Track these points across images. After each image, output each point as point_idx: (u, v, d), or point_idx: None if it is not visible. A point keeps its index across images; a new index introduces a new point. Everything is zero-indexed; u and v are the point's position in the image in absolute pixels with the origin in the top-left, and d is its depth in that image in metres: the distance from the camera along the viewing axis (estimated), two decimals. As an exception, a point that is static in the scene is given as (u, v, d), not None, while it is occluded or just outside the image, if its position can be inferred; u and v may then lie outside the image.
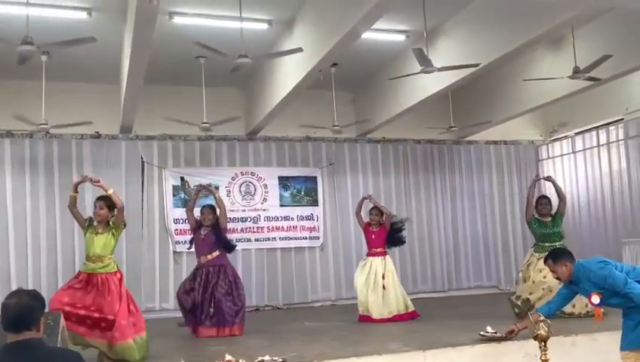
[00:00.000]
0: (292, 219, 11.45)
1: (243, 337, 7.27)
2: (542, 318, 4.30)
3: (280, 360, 5.15)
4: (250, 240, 11.12)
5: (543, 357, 4.15)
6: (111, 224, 6.05)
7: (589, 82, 8.55)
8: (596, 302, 4.42)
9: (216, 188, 10.61)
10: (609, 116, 11.48)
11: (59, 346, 4.66)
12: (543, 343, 4.18)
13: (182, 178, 10.86)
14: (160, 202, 10.76)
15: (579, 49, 8.40)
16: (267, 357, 5.10)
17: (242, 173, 11.28)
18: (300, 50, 7.48)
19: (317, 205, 11.65)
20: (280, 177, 11.50)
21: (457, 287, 12.24)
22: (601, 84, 9.11)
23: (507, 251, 12.52)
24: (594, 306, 4.48)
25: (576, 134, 12.39)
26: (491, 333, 5.81)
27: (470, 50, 8.30)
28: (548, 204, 7.99)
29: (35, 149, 10.25)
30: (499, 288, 12.21)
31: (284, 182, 11.53)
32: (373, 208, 8.67)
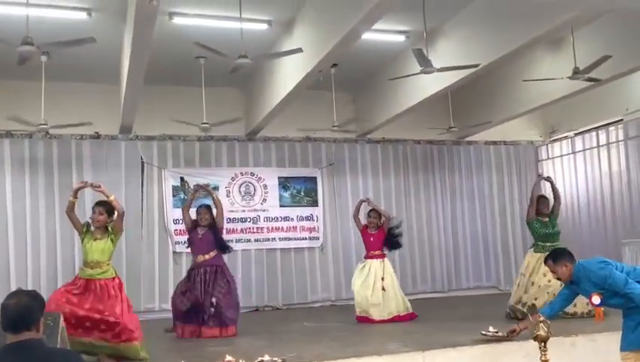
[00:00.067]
0: (292, 220, 11.45)
1: (243, 337, 7.28)
2: (542, 319, 4.30)
3: (280, 361, 5.15)
4: (249, 240, 11.13)
5: (543, 358, 4.16)
6: (109, 229, 6.04)
7: (589, 83, 8.55)
8: (597, 303, 4.42)
9: (215, 188, 10.63)
10: (609, 117, 11.48)
11: (58, 346, 4.66)
12: (543, 344, 4.18)
13: (182, 178, 10.85)
14: (160, 202, 10.76)
15: (578, 50, 8.40)
16: (267, 358, 5.10)
17: (242, 174, 11.28)
18: (300, 50, 7.49)
19: (317, 205, 11.65)
20: (280, 178, 11.49)
21: (457, 288, 12.24)
22: (600, 85, 9.10)
23: (507, 252, 12.52)
24: (594, 306, 4.47)
25: (575, 135, 12.39)
26: (493, 333, 5.81)
27: (470, 50, 8.30)
28: (548, 204, 8.01)
29: (35, 150, 10.24)
30: (498, 288, 12.21)
31: (283, 182, 11.52)
32: (371, 210, 8.67)
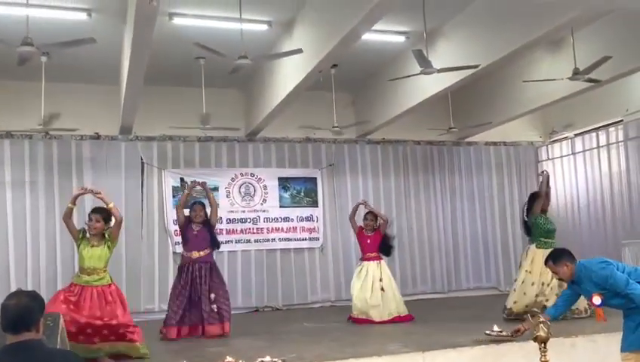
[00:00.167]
0: (292, 220, 11.44)
1: (243, 338, 7.29)
2: (541, 320, 4.30)
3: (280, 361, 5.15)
4: (249, 241, 11.13)
5: (543, 359, 4.16)
6: (106, 236, 6.03)
7: (589, 83, 8.55)
8: (597, 303, 4.41)
9: (215, 189, 10.72)
10: (609, 117, 11.48)
11: (58, 347, 4.66)
12: (543, 344, 4.18)
13: (181, 179, 10.84)
14: (160, 203, 10.76)
15: (578, 50, 8.41)
16: (267, 358, 5.09)
17: (242, 174, 11.28)
18: (300, 51, 7.49)
19: (317, 206, 11.65)
20: (280, 178, 11.49)
21: (457, 288, 12.24)
22: (600, 86, 9.10)
23: (507, 252, 12.52)
24: (595, 307, 4.46)
25: (575, 135, 12.38)
26: (497, 332, 5.80)
27: (470, 51, 8.30)
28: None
29: (35, 150, 10.23)
30: (498, 289, 12.20)
31: (283, 183, 11.52)
32: (368, 213, 8.66)
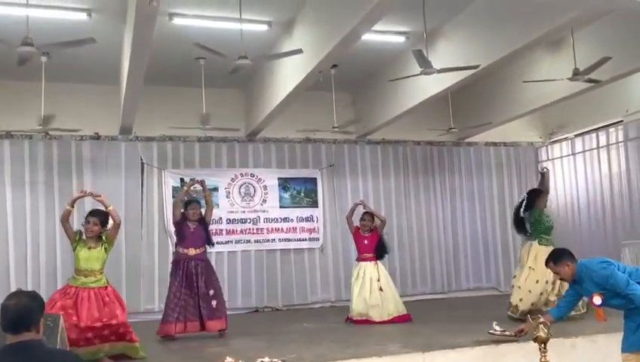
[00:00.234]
0: (292, 221, 11.44)
1: (243, 338, 7.29)
2: (541, 320, 4.30)
3: (279, 362, 5.15)
4: (249, 241, 11.13)
5: (543, 359, 4.15)
6: (103, 238, 6.03)
7: (589, 84, 8.55)
8: (598, 303, 4.39)
9: (215, 189, 10.80)
10: (609, 118, 11.48)
11: (58, 347, 4.66)
12: (543, 345, 4.17)
13: (181, 179, 10.83)
14: (159, 203, 10.75)
15: (578, 51, 8.40)
16: (267, 359, 5.09)
17: (242, 175, 11.28)
18: (300, 51, 7.49)
19: (317, 206, 11.64)
20: (280, 178, 11.49)
21: (457, 289, 12.24)
22: (600, 86, 9.10)
23: (507, 253, 12.51)
24: (595, 307, 4.45)
25: (575, 136, 12.38)
26: (501, 332, 5.79)
27: (470, 51, 8.30)
28: None
29: (35, 150, 10.23)
30: (498, 290, 12.20)
31: (283, 183, 11.52)
32: (365, 213, 8.65)
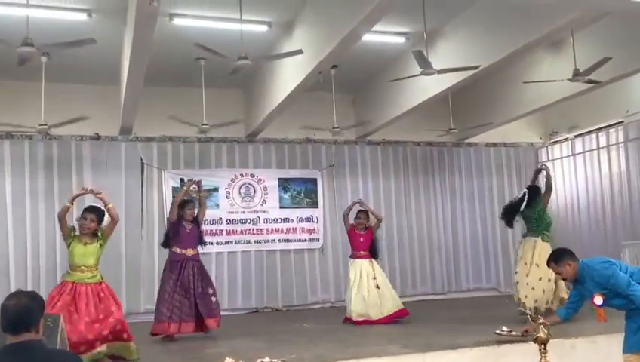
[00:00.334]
0: (291, 221, 11.44)
1: (242, 339, 7.29)
2: (541, 321, 4.29)
3: (279, 362, 5.15)
4: (249, 241, 11.13)
5: (543, 360, 4.14)
6: (99, 235, 6.05)
7: (589, 85, 8.55)
8: (599, 303, 4.37)
9: (215, 189, 10.87)
10: (609, 118, 11.48)
11: (58, 348, 4.65)
12: (543, 346, 4.17)
13: (181, 179, 10.81)
14: (159, 203, 10.74)
15: (579, 51, 8.41)
16: (266, 359, 5.08)
17: (242, 175, 11.28)
18: (300, 52, 7.49)
19: (317, 207, 11.64)
20: (280, 179, 11.50)
21: (457, 289, 12.24)
22: (601, 87, 9.11)
23: (507, 253, 12.49)
24: (596, 307, 4.43)
25: (576, 137, 12.38)
26: (507, 332, 5.79)
27: (470, 52, 8.31)
28: None
29: (35, 150, 10.24)
30: (498, 290, 12.20)
31: (283, 183, 11.52)
32: (360, 212, 8.65)
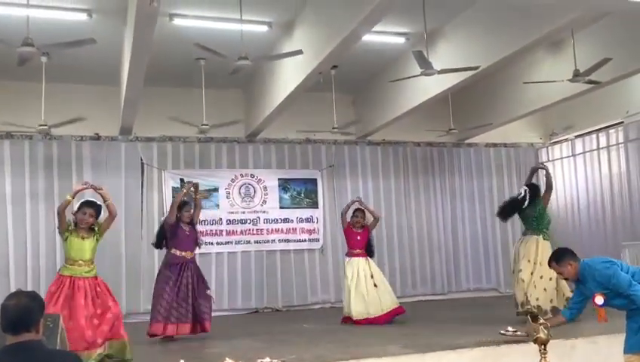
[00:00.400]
0: (291, 221, 11.44)
1: (242, 339, 7.29)
2: (541, 321, 4.29)
3: (279, 363, 5.15)
4: (249, 242, 11.13)
5: (543, 361, 4.14)
6: (96, 229, 6.09)
7: (589, 85, 8.55)
8: (600, 303, 4.36)
9: (215, 190, 10.91)
10: (609, 119, 11.48)
11: (58, 348, 4.65)
12: (543, 346, 4.17)
13: (181, 180, 10.82)
14: (159, 204, 10.74)
15: (579, 52, 8.41)
16: (266, 360, 5.09)
17: (242, 175, 11.28)
18: (300, 52, 7.49)
19: (317, 207, 11.64)
20: (280, 179, 11.50)
21: (457, 290, 12.24)
22: (601, 87, 9.11)
23: (507, 254, 12.45)
24: (597, 307, 4.42)
25: (576, 137, 12.38)
26: (512, 332, 5.79)
27: (470, 52, 8.30)
28: None
29: (35, 150, 10.24)
30: (498, 291, 12.20)
31: (283, 184, 11.52)
32: (357, 210, 8.65)
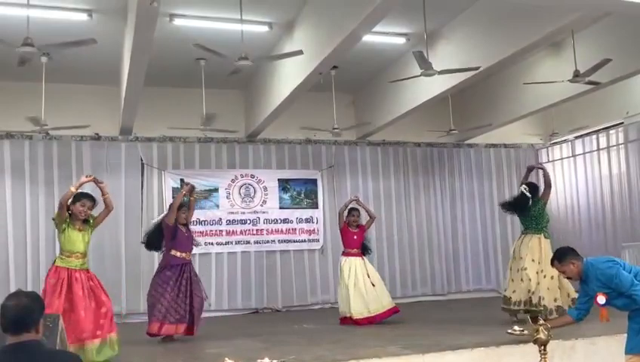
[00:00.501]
0: (291, 222, 11.45)
1: (242, 339, 7.29)
2: (541, 322, 4.30)
3: (279, 363, 5.14)
4: (249, 242, 11.14)
5: (543, 361, 4.15)
6: (91, 222, 6.15)
7: (590, 86, 8.55)
8: (602, 303, 4.35)
9: (215, 190, 10.95)
10: (609, 120, 11.48)
11: (58, 348, 4.65)
12: (543, 347, 4.17)
13: (181, 180, 10.80)
14: (160, 204, 10.74)
15: (579, 53, 8.41)
16: (266, 360, 5.07)
17: (242, 176, 11.29)
18: (300, 52, 7.49)
19: (317, 208, 11.65)
20: (280, 179, 11.50)
21: (457, 290, 12.25)
22: (601, 88, 9.11)
23: (507, 254, 12.38)
24: (599, 306, 4.41)
25: (576, 138, 12.38)
26: (519, 331, 5.79)
27: (470, 53, 8.30)
28: None
29: (35, 151, 10.24)
30: (498, 291, 12.15)
31: (283, 184, 11.53)
32: (353, 209, 8.67)
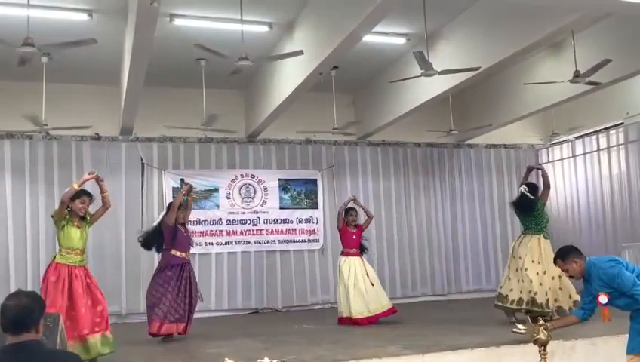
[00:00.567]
0: (291, 222, 11.45)
1: (242, 339, 7.29)
2: (541, 322, 4.30)
3: (279, 363, 5.14)
4: (249, 242, 11.14)
5: (543, 361, 4.15)
6: (87, 218, 6.20)
7: (590, 86, 8.55)
8: (603, 302, 4.34)
9: (215, 189, 10.98)
10: (609, 120, 11.48)
11: (58, 348, 4.66)
12: (543, 347, 4.17)
13: (182, 180, 10.76)
14: (160, 204, 10.71)
15: (579, 53, 8.41)
16: (266, 360, 5.07)
17: (242, 176, 11.29)
18: (301, 52, 7.49)
19: (317, 208, 11.65)
20: (280, 180, 11.50)
21: (457, 291, 12.24)
22: (601, 89, 9.11)
23: (507, 254, 12.42)
24: (601, 306, 4.41)
25: (576, 138, 12.38)
26: (524, 330, 5.79)
27: (470, 53, 8.31)
28: None
29: (35, 151, 10.25)
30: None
31: (284, 184, 11.53)
32: (351, 209, 8.69)
